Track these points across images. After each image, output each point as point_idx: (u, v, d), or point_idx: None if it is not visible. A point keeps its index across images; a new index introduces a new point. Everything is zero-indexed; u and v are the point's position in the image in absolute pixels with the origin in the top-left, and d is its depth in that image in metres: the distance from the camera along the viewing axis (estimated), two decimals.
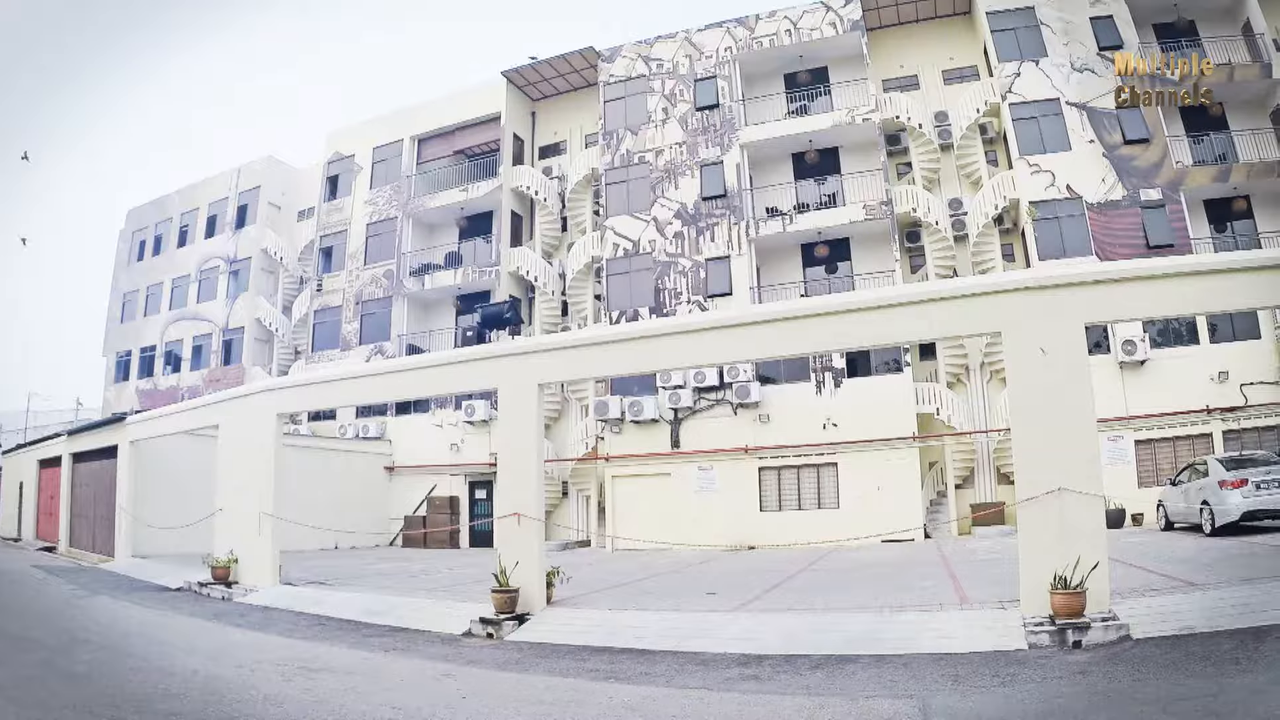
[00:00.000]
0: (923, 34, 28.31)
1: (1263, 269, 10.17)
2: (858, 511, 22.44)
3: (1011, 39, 26.52)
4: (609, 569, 17.68)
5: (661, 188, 27.53)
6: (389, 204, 32.38)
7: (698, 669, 7.97)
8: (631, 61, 29.29)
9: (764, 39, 28.05)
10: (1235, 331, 24.00)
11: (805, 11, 27.85)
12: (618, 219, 27.71)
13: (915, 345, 24.21)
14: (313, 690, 7.45)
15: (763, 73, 28.39)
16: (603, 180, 28.43)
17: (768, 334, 11.02)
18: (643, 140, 28.22)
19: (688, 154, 27.54)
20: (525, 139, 31.44)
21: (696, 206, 26.97)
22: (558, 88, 31.35)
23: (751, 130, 27.14)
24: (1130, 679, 6.66)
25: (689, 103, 28.09)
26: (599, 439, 26.73)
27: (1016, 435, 9.67)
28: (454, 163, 31.95)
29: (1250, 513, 15.52)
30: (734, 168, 26.89)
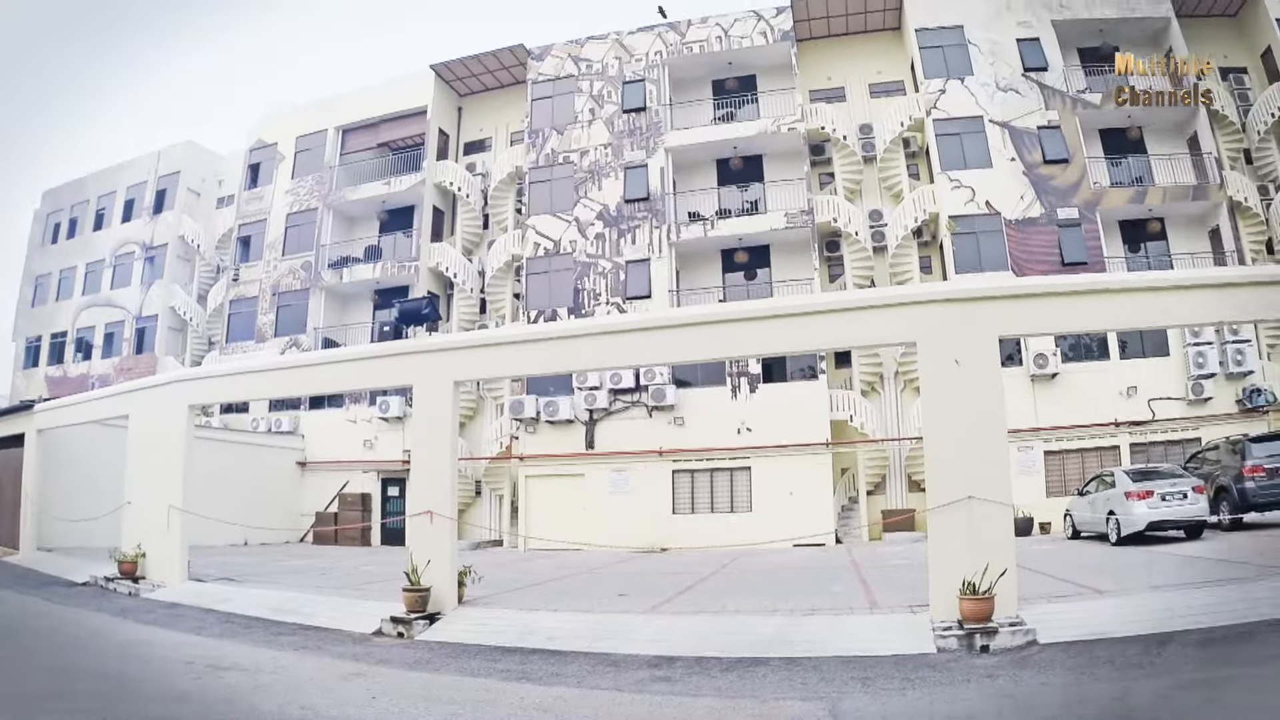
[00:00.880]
0: (852, 47, 28.65)
1: (1172, 289, 10.39)
2: (770, 515, 22.50)
3: (939, 56, 26.90)
4: (521, 569, 17.47)
5: (585, 188, 27.32)
6: (310, 195, 31.65)
7: (609, 670, 7.95)
8: (561, 61, 29.08)
9: (694, 44, 28.06)
10: (1145, 349, 24.63)
11: (737, 19, 27.96)
12: (540, 218, 27.40)
13: (831, 353, 24.34)
14: (222, 689, 7.32)
15: (691, 78, 28.39)
16: (526, 179, 28.13)
17: (687, 338, 10.94)
18: (568, 140, 28.00)
19: (613, 156, 27.38)
20: (451, 134, 31.00)
21: (619, 208, 26.81)
22: (486, 84, 31.00)
23: (677, 135, 27.12)
24: (1037, 683, 6.75)
25: (616, 104, 27.97)
26: (513, 438, 26.36)
27: (929, 444, 9.68)
28: (378, 155, 31.36)
29: (1155, 523, 15.87)
30: (658, 171, 26.80)
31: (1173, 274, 18.46)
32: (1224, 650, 7.40)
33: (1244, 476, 16.83)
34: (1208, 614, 8.52)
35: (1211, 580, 10.42)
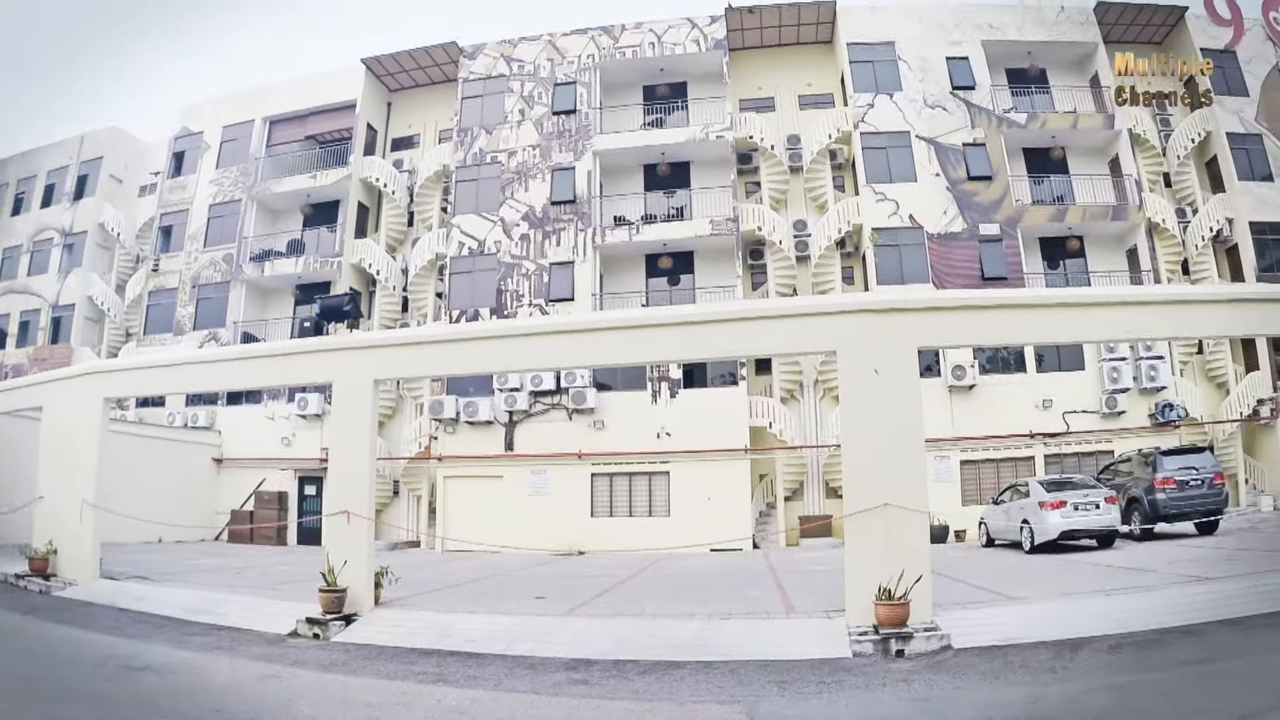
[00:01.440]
0: (784, 58, 28.81)
1: (1089, 306, 10.73)
2: (688, 520, 22.51)
3: (869, 71, 27.19)
4: (439, 570, 17.34)
5: (511, 189, 27.07)
6: (234, 185, 30.93)
7: (526, 673, 7.93)
8: (493, 60, 28.82)
9: (627, 49, 28.00)
10: (1061, 362, 25.11)
11: (670, 26, 27.97)
12: (465, 217, 27.08)
13: (752, 360, 24.34)
14: (135, 691, 7.19)
15: (623, 82, 28.35)
16: (453, 177, 27.81)
17: (610, 341, 10.96)
18: (497, 140, 27.73)
19: (541, 157, 27.18)
20: (379, 129, 30.52)
21: (545, 210, 26.60)
22: (416, 80, 30.59)
23: (606, 139, 27.02)
24: (951, 687, 6.88)
25: (546, 106, 27.80)
26: (433, 438, 25.99)
27: (847, 451, 9.73)
28: (305, 148, 30.78)
29: (1068, 532, 16.29)
30: (585, 174, 26.65)
31: (1090, 291, 18.79)
32: (1134, 656, 7.63)
33: (1155, 488, 17.52)
34: (1118, 620, 8.75)
35: (1122, 588, 10.74)
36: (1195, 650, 7.63)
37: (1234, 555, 13.71)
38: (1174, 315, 11.28)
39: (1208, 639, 8.01)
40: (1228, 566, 12.20)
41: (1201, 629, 8.39)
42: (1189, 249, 27.27)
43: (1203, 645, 7.80)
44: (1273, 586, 9.99)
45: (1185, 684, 6.64)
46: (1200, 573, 11.58)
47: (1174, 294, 14.51)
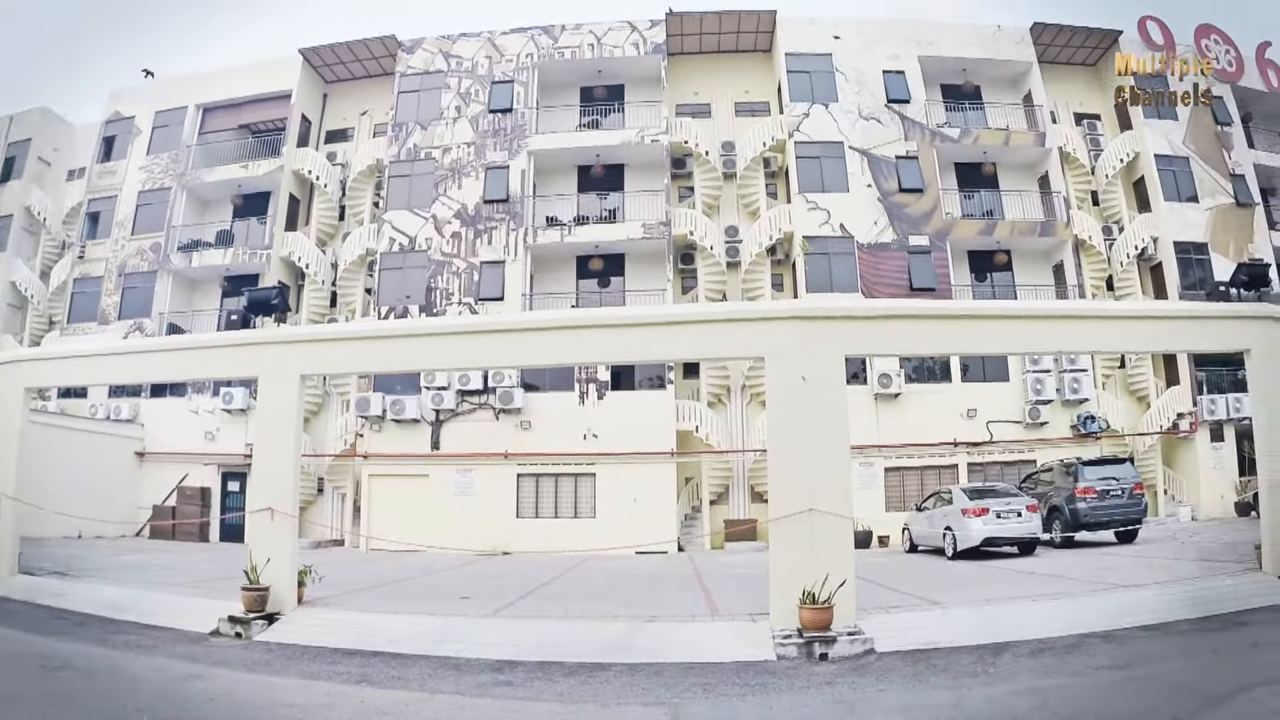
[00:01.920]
0: (721, 65, 28.95)
1: (1014, 318, 11.10)
2: (614, 522, 22.43)
3: (805, 81, 27.37)
4: (363, 570, 17.16)
5: (445, 186, 26.80)
6: (165, 173, 30.26)
7: (451, 674, 7.90)
8: (431, 55, 28.55)
9: (566, 50, 27.92)
10: (986, 373, 25.49)
11: (611, 29, 27.93)
12: (397, 213, 26.74)
13: (680, 363, 24.33)
14: (53, 690, 7.11)
15: (561, 83, 28.23)
16: (386, 172, 27.45)
17: (541, 342, 10.91)
18: (432, 136, 27.44)
19: (475, 155, 26.95)
20: (313, 121, 30.04)
21: (477, 208, 26.38)
22: (354, 72, 30.13)
23: (542, 139, 26.88)
24: (875, 689, 6.99)
25: (483, 104, 27.59)
26: (358, 435, 25.64)
27: (772, 456, 9.83)
28: (237, 137, 30.21)
29: (990, 539, 16.54)
30: (519, 174, 26.48)
31: (1016, 304, 19.19)
32: (1055, 660, 7.80)
33: (1076, 497, 17.93)
34: (1040, 626, 9.00)
35: (1043, 594, 10.94)
36: (1115, 655, 7.83)
37: (1152, 563, 14.02)
38: (1097, 330, 11.70)
39: (1127, 644, 8.25)
40: (1147, 574, 12.48)
41: (1121, 634, 8.65)
42: (1114, 266, 27.81)
43: (1122, 650, 8.02)
44: (1190, 593, 10.31)
45: (1105, 688, 6.82)
46: (1120, 580, 11.92)
47: (1098, 309, 14.88)
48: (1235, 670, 7.05)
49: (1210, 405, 26.25)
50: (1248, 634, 8.46)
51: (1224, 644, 8.15)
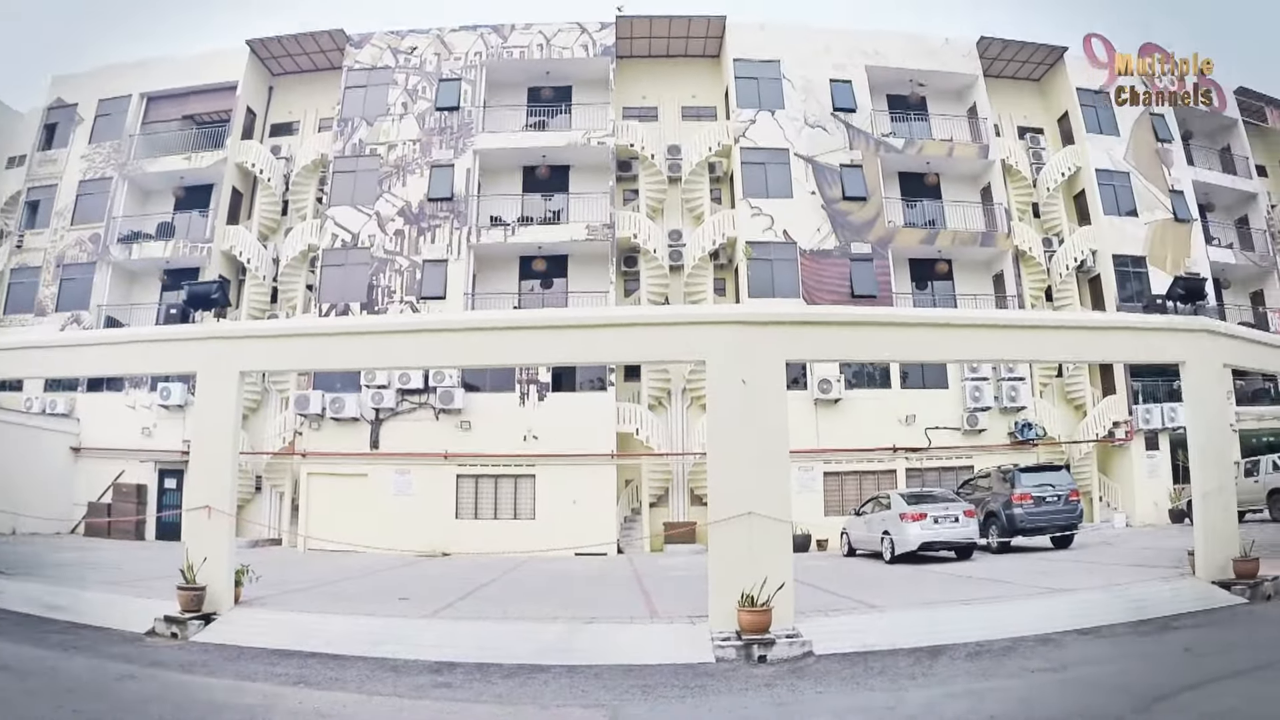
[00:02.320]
0: (670, 69, 29.06)
1: (954, 326, 11.26)
2: (553, 523, 22.37)
3: (753, 88, 27.53)
4: (301, 569, 16.99)
5: (389, 183, 26.58)
6: (107, 162, 29.72)
7: (389, 675, 7.86)
8: (380, 51, 28.32)
9: (515, 49, 27.85)
10: (925, 380, 25.84)
11: (560, 29, 27.91)
12: (340, 209, 26.47)
13: (621, 366, 24.34)
14: None
15: (508, 82, 28.11)
16: (331, 167, 27.15)
17: (483, 342, 10.86)
18: (377, 132, 27.20)
19: (421, 153, 26.76)
20: (259, 113, 29.64)
21: (421, 206, 26.19)
22: (301, 66, 29.79)
23: (488, 138, 26.76)
24: (813, 692, 7.03)
25: (430, 101, 27.41)
26: (297, 434, 25.33)
27: (712, 459, 9.85)
28: (182, 128, 29.74)
29: (927, 544, 16.73)
30: (464, 172, 26.34)
31: (956, 313, 19.46)
32: (991, 663, 7.90)
33: (1013, 503, 18.23)
34: (976, 629, 9.13)
35: (980, 598, 11.09)
36: (1050, 658, 7.94)
37: (1087, 568, 14.24)
38: (1037, 339, 11.99)
39: (1063, 647, 8.39)
40: (1082, 579, 12.67)
41: (1057, 638, 8.80)
42: (1054, 277, 28.28)
43: (1058, 653, 8.14)
44: (1125, 598, 10.54)
45: (1040, 689, 6.90)
46: (1055, 584, 12.08)
47: (1038, 320, 15.20)
48: (1168, 673, 7.20)
49: (1145, 414, 26.75)
50: (1180, 637, 8.67)
51: (1157, 647, 8.33)
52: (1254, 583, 10.68)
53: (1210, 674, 6.93)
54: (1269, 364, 15.51)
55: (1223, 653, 7.94)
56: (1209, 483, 11.70)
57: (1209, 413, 12.22)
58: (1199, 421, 12.15)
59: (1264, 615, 9.78)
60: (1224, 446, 13.17)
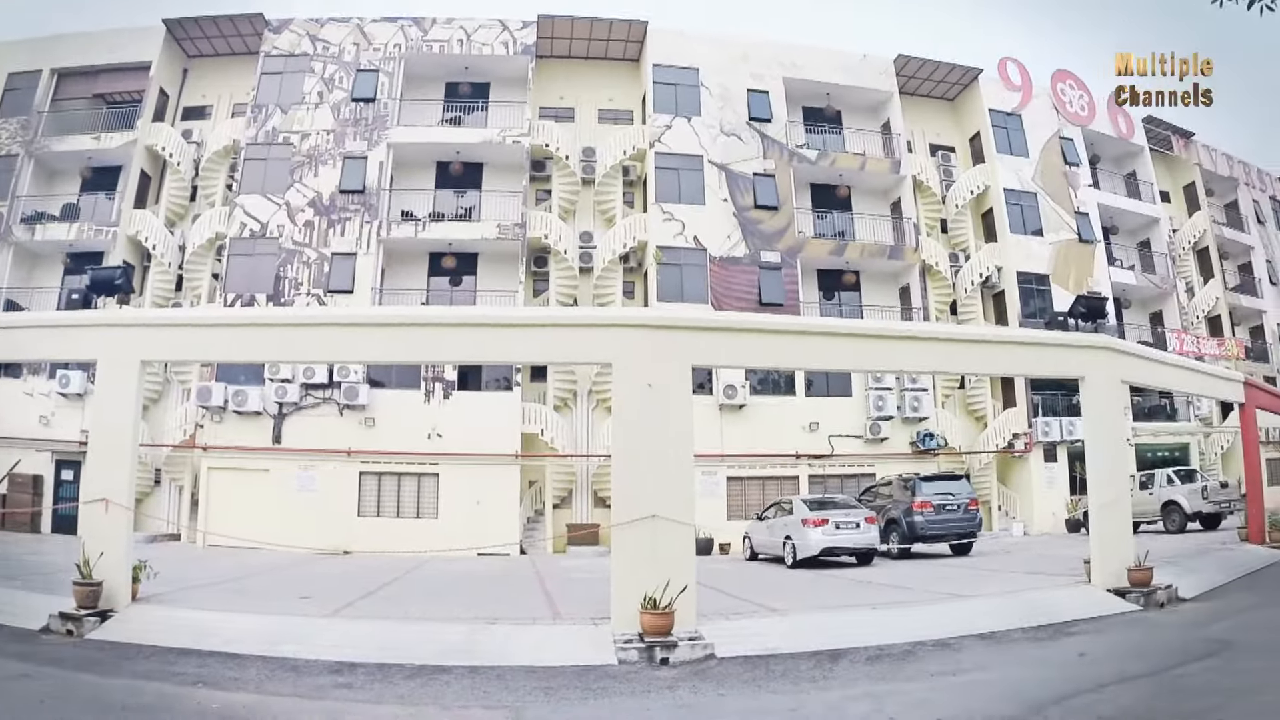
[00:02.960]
0: (589, 71, 29.15)
1: (860, 337, 11.50)
2: (457, 523, 22.26)
3: (671, 93, 27.74)
4: (200, 566, 16.65)
5: (301, 173, 26.19)
6: (12, 139, 28.68)
7: (289, 675, 7.74)
8: (298, 38, 27.90)
9: (435, 44, 27.66)
10: (830, 388, 26.32)
11: (482, 26, 27.80)
12: (250, 197, 26.02)
13: (527, 366, 24.31)
14: None
15: (426, 76, 27.86)
16: (243, 154, 26.65)
17: (391, 337, 10.70)
18: (291, 120, 26.80)
19: (334, 143, 26.44)
20: (172, 95, 28.94)
21: (332, 198, 25.87)
22: (217, 49, 29.12)
23: (402, 131, 26.51)
24: (715, 694, 7.07)
25: (346, 91, 27.07)
26: (198, 426, 24.78)
27: (617, 462, 9.85)
28: (92, 106, 28.94)
29: (829, 549, 17.00)
30: (377, 165, 26.08)
31: (862, 323, 19.82)
32: (890, 666, 8.03)
33: (913, 511, 18.63)
34: (876, 633, 9.26)
35: (880, 603, 11.24)
36: (948, 662, 8.11)
37: (985, 575, 14.58)
38: (942, 352, 12.29)
39: (961, 652, 8.58)
40: (980, 585, 12.97)
41: (955, 642, 8.97)
42: (959, 292, 28.97)
43: (956, 657, 8.32)
44: (1022, 604, 10.81)
45: (938, 693, 6.98)
46: (954, 590, 12.34)
47: (944, 333, 15.49)
48: (1064, 677, 7.32)
49: (1045, 427, 27.60)
50: (1075, 643, 8.86)
51: (1053, 652, 8.52)
52: (1148, 591, 11.07)
53: (1104, 679, 7.07)
54: (1165, 381, 16.29)
55: (1116, 658, 8.13)
56: (1105, 494, 12.15)
57: (1107, 427, 12.68)
58: (1097, 435, 12.57)
59: (1157, 622, 10.08)
60: (1120, 460, 13.67)
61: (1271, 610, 10.46)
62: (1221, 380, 18.18)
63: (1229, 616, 10.06)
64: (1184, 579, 12.14)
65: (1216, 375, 18.50)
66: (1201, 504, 22.30)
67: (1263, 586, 12.74)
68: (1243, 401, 17.95)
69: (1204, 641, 8.49)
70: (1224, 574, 13.71)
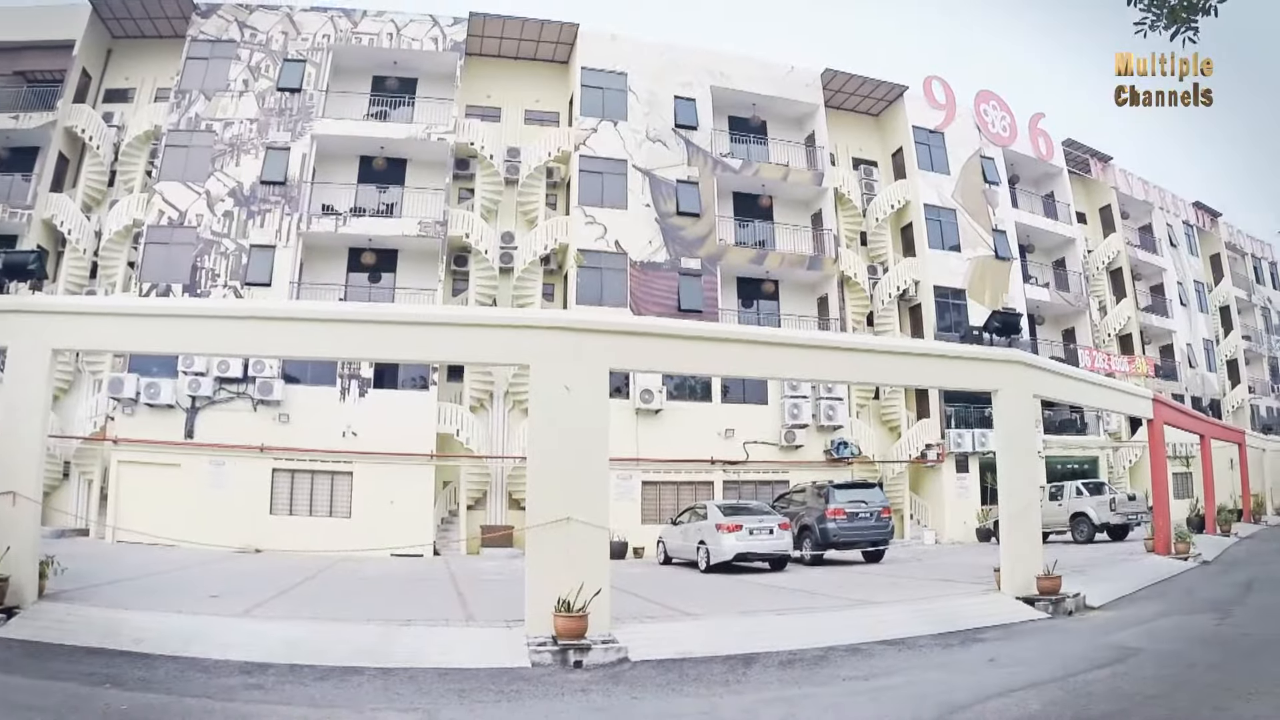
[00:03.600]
0: (517, 71, 29.15)
1: (777, 345, 11.69)
2: (370, 523, 22.04)
3: (598, 97, 27.88)
4: (109, 563, 16.26)
5: (222, 161, 25.83)
6: None
7: (200, 675, 7.61)
8: (226, 23, 27.49)
9: (365, 36, 27.45)
10: (745, 395, 26.72)
11: (412, 20, 27.64)
12: (169, 185, 25.58)
13: (444, 365, 24.35)
14: None
15: (354, 69, 27.60)
16: (164, 140, 26.16)
17: (308, 333, 10.52)
18: (215, 108, 26.40)
19: (258, 133, 26.11)
20: (94, 76, 28.28)
21: (253, 189, 25.54)
22: (144, 30, 28.44)
23: (327, 123, 26.23)
24: (629, 697, 7.09)
25: (272, 80, 26.71)
26: (109, 419, 24.23)
27: (532, 464, 9.88)
28: (11, 84, 28.25)
29: (742, 554, 17.35)
30: (300, 157, 25.79)
31: (780, 332, 20.14)
32: (803, 671, 8.16)
33: (826, 518, 19.06)
34: (789, 638, 9.41)
35: (793, 609, 11.45)
36: (860, 667, 8.27)
37: (897, 582, 14.94)
38: (859, 362, 12.61)
39: (873, 657, 8.76)
40: (891, 592, 13.31)
41: (867, 648, 9.17)
42: (876, 303, 29.61)
43: (868, 662, 8.49)
44: (931, 611, 11.10)
45: (850, 697, 7.11)
46: (866, 597, 12.69)
47: (862, 343, 15.76)
48: (973, 682, 7.46)
49: (957, 438, 28.33)
50: (985, 649, 9.10)
51: (963, 658, 8.71)
52: (1056, 599, 11.43)
53: (1013, 684, 7.20)
54: (1075, 396, 16.90)
55: (1025, 664, 8.29)
56: (1016, 504, 12.54)
57: (1018, 439, 13.06)
58: (1008, 447, 12.94)
59: (1065, 629, 10.36)
60: (1031, 471, 14.05)
61: (1176, 619, 10.75)
62: (1131, 396, 18.72)
63: (1135, 624, 10.32)
64: (1092, 588, 12.52)
65: (1126, 392, 19.02)
66: (1109, 515, 23.11)
67: (1168, 596, 13.07)
68: (1151, 417, 18.52)
69: (1111, 648, 8.69)
70: (1131, 583, 14.10)
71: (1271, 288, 50.30)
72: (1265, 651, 8.40)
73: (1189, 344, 39.73)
